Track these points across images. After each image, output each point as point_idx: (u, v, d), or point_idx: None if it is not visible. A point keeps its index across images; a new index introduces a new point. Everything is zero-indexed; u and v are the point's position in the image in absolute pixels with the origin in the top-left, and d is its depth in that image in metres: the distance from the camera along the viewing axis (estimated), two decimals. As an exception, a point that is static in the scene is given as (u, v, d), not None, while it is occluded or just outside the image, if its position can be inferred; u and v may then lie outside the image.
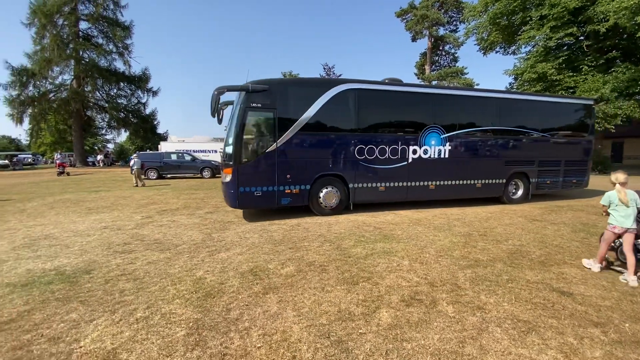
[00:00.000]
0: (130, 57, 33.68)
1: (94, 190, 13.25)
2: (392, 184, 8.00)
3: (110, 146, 52.48)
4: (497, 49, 25.34)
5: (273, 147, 7.01)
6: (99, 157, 38.22)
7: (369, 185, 7.86)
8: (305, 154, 7.32)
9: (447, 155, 8.35)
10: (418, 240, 5.55)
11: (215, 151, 25.16)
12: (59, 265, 4.50)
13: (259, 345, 2.59)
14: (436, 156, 8.26)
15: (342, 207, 7.81)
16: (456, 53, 38.93)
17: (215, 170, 19.60)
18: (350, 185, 7.71)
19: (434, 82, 35.76)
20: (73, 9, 30.61)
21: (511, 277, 4.00)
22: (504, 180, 9.03)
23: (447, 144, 8.34)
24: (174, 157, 19.91)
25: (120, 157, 44.49)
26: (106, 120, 36.23)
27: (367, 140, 7.68)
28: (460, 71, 35.23)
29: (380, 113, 7.97)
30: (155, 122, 37.12)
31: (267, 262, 4.50)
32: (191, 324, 2.89)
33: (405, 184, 8.10)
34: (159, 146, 27.47)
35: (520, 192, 9.41)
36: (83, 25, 32.19)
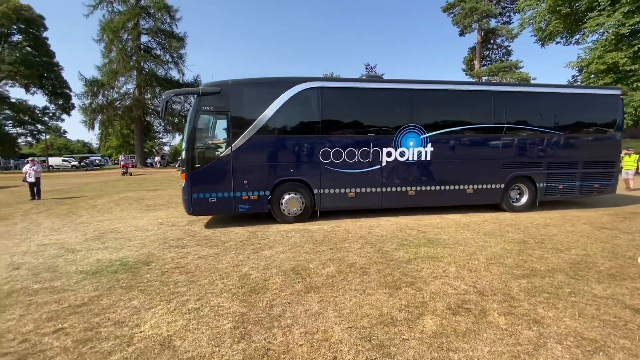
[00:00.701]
0: (183, 66, 36.32)
1: (152, 189, 14.48)
2: (363, 190, 7.35)
3: (166, 148, 57.01)
4: (558, 40, 23.16)
5: (227, 151, 6.72)
6: (156, 158, 41.72)
7: (337, 191, 7.27)
8: (263, 158, 6.95)
9: (428, 158, 7.51)
10: (466, 246, 5.25)
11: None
12: (123, 256, 4.98)
13: (301, 342, 2.63)
14: (415, 159, 7.46)
15: (308, 215, 7.29)
16: (509, 46, 36.28)
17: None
18: (315, 191, 7.19)
19: (484, 79, 33.61)
20: (135, 24, 33.79)
21: (574, 290, 3.62)
22: (502, 186, 7.91)
23: (429, 145, 7.47)
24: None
25: (174, 158, 48.10)
26: (162, 124, 39.39)
27: (333, 142, 7.11)
28: (514, 65, 32.78)
29: (347, 113, 7.34)
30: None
31: (308, 262, 4.56)
32: (237, 317, 3.03)
33: (379, 189, 7.41)
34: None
35: (524, 199, 8.18)
36: (144, 38, 35.43)
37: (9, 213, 9.12)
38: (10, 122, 38.24)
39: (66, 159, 43.07)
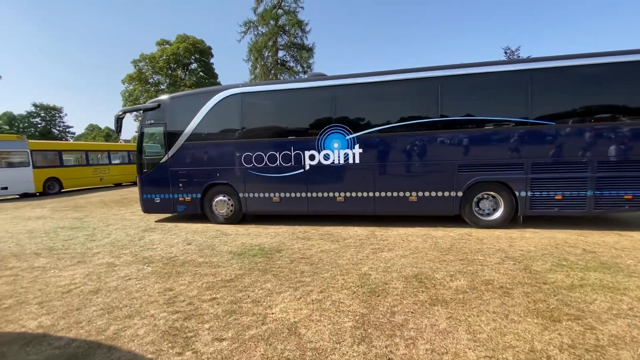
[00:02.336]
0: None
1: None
2: (287, 195, 7.04)
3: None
4: None
5: (165, 158, 7.49)
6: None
7: (261, 195, 7.19)
8: (193, 163, 7.38)
9: (357, 161, 6.62)
10: (668, 278, 3.75)
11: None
12: (261, 242, 5.70)
13: (427, 360, 2.36)
14: (342, 162, 6.70)
15: (238, 218, 7.41)
16: None
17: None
18: (241, 195, 7.27)
19: None
20: (274, 42, 38.92)
21: None
22: (460, 194, 6.30)
23: (356, 146, 6.60)
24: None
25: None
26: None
27: (254, 146, 7.06)
28: None
29: (267, 116, 7.25)
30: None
31: (433, 271, 4.15)
32: (357, 317, 2.98)
33: (303, 194, 6.96)
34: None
35: (499, 212, 6.28)
36: (280, 54, 40.42)
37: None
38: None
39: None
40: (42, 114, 58.02)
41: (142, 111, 7.88)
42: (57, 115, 59.71)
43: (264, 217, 7.87)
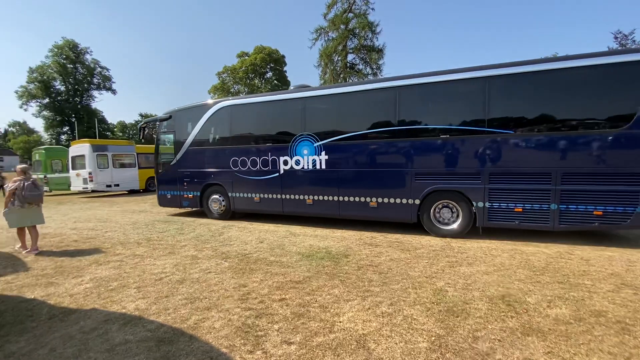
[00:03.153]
0: (381, 75, 38.88)
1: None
2: (265, 195, 7.83)
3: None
4: None
5: (174, 161, 8.94)
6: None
7: (245, 195, 8.09)
8: (194, 166, 8.68)
9: (323, 167, 7.10)
10: None
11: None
12: (328, 245, 5.68)
13: (521, 403, 1.99)
14: (310, 167, 7.24)
15: (229, 215, 8.48)
16: None
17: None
18: (230, 194, 8.27)
19: None
20: (344, 46, 39.27)
21: None
22: (417, 201, 6.26)
23: (322, 153, 7.08)
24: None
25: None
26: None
27: (240, 152, 7.99)
28: None
29: (250, 125, 8.12)
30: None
31: (524, 293, 3.58)
32: (433, 338, 2.70)
33: (279, 196, 7.67)
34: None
35: (458, 222, 6.09)
36: (349, 57, 40.60)
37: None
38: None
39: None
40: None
41: (158, 121, 9.39)
42: (157, 123, 69.75)
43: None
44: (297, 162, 7.40)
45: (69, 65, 47.97)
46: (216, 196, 8.57)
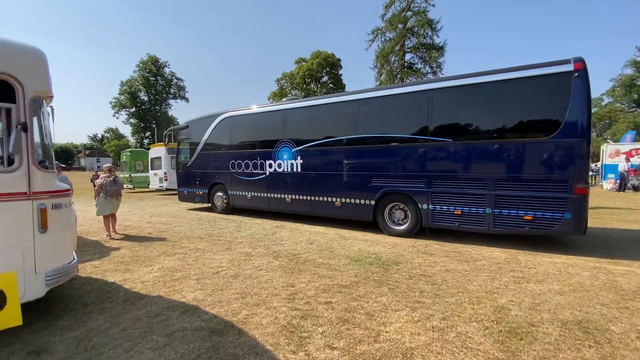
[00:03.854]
0: (441, 74, 36.91)
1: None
2: (255, 194, 9.02)
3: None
4: None
5: (190, 163, 10.58)
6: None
7: (241, 193, 9.29)
8: (204, 167, 10.20)
9: (299, 169, 8.04)
10: None
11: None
12: (377, 251, 5.53)
13: None
14: (289, 170, 8.21)
15: (229, 210, 9.76)
16: None
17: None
18: (229, 192, 9.56)
19: None
20: (402, 45, 38.14)
21: None
22: (373, 202, 6.89)
23: (299, 157, 8.01)
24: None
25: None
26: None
27: (237, 156, 9.29)
28: None
29: (244, 133, 9.31)
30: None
31: (607, 321, 3.05)
32: (491, 361, 2.44)
33: (265, 194, 8.77)
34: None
35: (407, 223, 6.58)
36: (407, 57, 39.28)
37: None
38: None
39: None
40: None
41: (178, 130, 11.33)
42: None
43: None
44: (279, 165, 8.47)
45: (151, 78, 54.44)
46: (219, 194, 10.01)
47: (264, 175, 8.76)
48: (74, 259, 3.42)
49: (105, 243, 6.34)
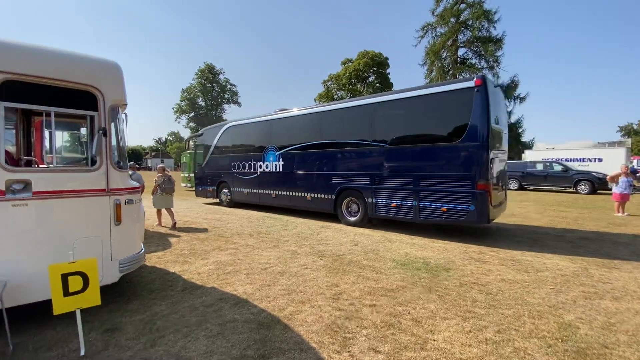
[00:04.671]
0: (499, 69, 34.28)
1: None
2: (250, 190, 10.69)
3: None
4: None
5: (203, 164, 12.45)
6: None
7: (239, 190, 11.06)
8: (213, 167, 12.04)
9: (281, 170, 9.56)
10: None
11: (600, 159, 19.30)
12: (426, 256, 5.31)
13: None
14: (274, 170, 9.75)
15: (232, 204, 11.52)
16: None
17: (596, 184, 15.07)
18: (231, 189, 11.37)
19: None
20: (454, 40, 36.16)
21: None
22: (333, 197, 8.24)
23: (280, 159, 9.53)
24: (539, 167, 17.72)
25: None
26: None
27: (237, 158, 11.08)
28: None
29: (243, 139, 11.17)
30: (520, 130, 35.20)
31: None
32: (554, 382, 2.21)
33: (257, 191, 10.45)
34: (523, 155, 25.67)
35: (359, 214, 7.82)
36: (460, 52, 37.12)
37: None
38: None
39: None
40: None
41: (196, 136, 13.55)
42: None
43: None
44: (267, 166, 10.04)
45: (207, 85, 58.43)
46: (225, 190, 11.80)
47: (256, 175, 10.44)
48: (142, 249, 3.82)
49: (168, 237, 6.95)
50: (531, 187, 17.77)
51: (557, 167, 16.99)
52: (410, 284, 4.05)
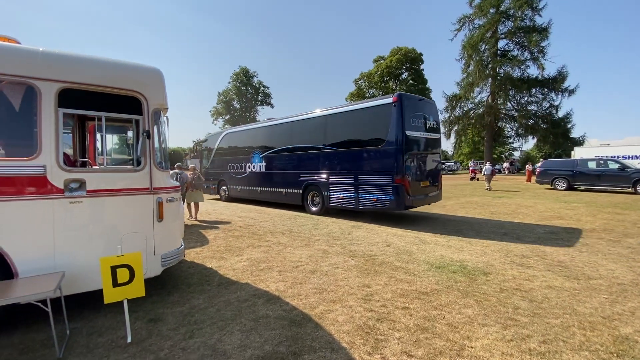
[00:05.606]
0: (544, 60, 31.94)
1: (497, 196, 13.99)
2: (242, 187, 12.56)
3: (516, 154, 53.40)
4: None
5: (208, 165, 14.56)
6: (505, 165, 40.20)
7: (234, 187, 12.98)
8: (215, 167, 14.14)
9: (264, 170, 11.45)
10: None
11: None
12: (463, 259, 5.08)
13: None
14: (259, 170, 11.64)
15: (229, 199, 13.47)
16: None
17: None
18: (228, 186, 13.31)
19: None
20: (494, 32, 34.22)
21: None
22: (301, 191, 10.07)
23: (263, 161, 11.42)
24: (591, 165, 16.22)
25: (524, 165, 44.01)
26: (514, 129, 37.19)
27: (232, 160, 13.05)
28: None
29: (237, 144, 13.06)
30: (569, 125, 32.55)
31: None
32: (609, 401, 2.02)
33: (247, 187, 12.31)
34: (572, 152, 23.71)
35: (319, 205, 9.68)
36: (500, 44, 35.05)
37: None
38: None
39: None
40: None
41: (202, 141, 15.48)
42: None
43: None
44: (254, 167, 11.87)
45: (242, 88, 60.29)
46: (223, 187, 13.69)
47: (246, 174, 12.32)
48: (182, 245, 4.02)
49: (205, 234, 7.28)
50: (582, 187, 16.36)
51: (613, 165, 15.46)
52: (446, 288, 3.90)
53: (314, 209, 9.83)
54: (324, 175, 9.25)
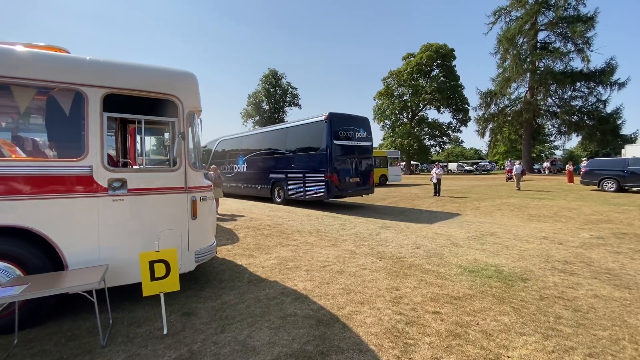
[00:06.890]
0: (590, 51, 29.64)
1: (537, 198, 13.18)
2: (231, 185, 15.29)
3: (558, 153, 50.01)
4: None
5: (208, 165, 15.18)
6: (545, 164, 37.79)
7: (227, 184, 15.03)
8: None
9: (245, 169, 14.38)
10: None
11: None
12: (498, 263, 4.84)
13: None
14: (242, 170, 14.57)
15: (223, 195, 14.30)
16: None
17: None
18: (225, 184, 14.31)
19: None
20: (533, 24, 32.27)
21: None
22: (269, 187, 12.85)
23: (245, 162, 14.40)
24: (645, 164, 14.79)
25: (566, 164, 41.11)
26: (556, 126, 34.85)
27: (224, 162, 16.02)
28: None
29: (228, 148, 16.14)
30: (619, 122, 29.97)
31: None
32: None
33: (234, 184, 15.13)
34: (623, 150, 21.80)
35: (282, 197, 12.40)
36: (540, 36, 32.99)
37: (419, 203, 12.20)
38: (427, 136, 51.27)
39: (460, 164, 51.62)
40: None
41: (206, 145, 17.34)
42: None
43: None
44: (239, 167, 14.78)
45: (271, 89, 61.43)
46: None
47: (234, 173, 15.23)
48: (214, 242, 4.17)
49: (236, 232, 7.49)
50: (634, 189, 14.99)
51: (672, 165, 14.01)
52: (480, 293, 3.73)
53: (278, 200, 12.65)
54: (284, 174, 12.11)
